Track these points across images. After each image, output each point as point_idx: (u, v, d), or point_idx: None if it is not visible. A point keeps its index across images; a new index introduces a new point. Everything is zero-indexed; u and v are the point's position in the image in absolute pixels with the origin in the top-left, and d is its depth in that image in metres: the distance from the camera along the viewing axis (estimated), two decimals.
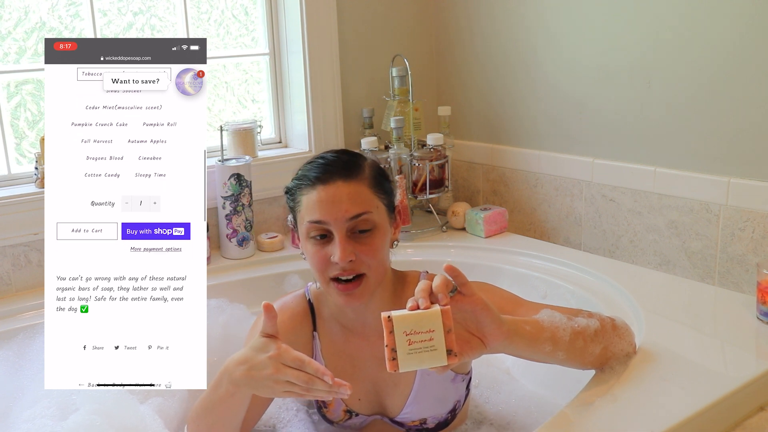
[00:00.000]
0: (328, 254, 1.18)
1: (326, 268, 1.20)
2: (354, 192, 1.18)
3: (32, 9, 1.81)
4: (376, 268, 1.21)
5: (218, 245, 1.98)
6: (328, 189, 1.18)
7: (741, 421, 1.21)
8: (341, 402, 1.34)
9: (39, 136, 1.82)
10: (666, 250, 1.79)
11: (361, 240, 1.19)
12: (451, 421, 1.35)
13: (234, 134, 2.02)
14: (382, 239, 1.21)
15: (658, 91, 1.76)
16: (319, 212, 1.18)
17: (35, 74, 1.84)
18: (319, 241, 1.20)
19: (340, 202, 1.17)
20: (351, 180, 1.19)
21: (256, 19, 2.16)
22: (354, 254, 1.18)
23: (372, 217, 1.19)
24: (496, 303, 1.24)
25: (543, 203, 2.09)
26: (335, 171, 1.19)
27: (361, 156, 1.27)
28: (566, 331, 1.13)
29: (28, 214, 1.71)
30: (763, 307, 1.42)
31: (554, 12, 1.97)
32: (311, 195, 1.19)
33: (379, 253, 1.21)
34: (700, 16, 1.65)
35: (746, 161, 1.61)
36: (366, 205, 1.19)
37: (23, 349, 1.52)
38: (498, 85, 2.18)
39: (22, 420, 1.28)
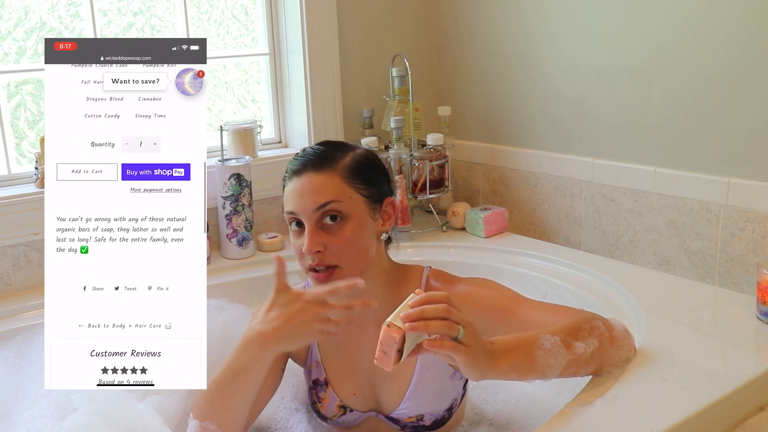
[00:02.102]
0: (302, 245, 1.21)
1: (302, 259, 1.23)
2: (322, 183, 1.20)
3: (32, 9, 1.81)
4: (349, 259, 1.21)
5: (218, 245, 1.98)
6: (299, 180, 1.22)
7: (741, 421, 1.21)
8: (335, 397, 1.34)
9: (39, 136, 1.82)
10: (666, 250, 1.79)
11: (331, 230, 1.21)
12: (448, 419, 1.34)
13: (234, 134, 2.02)
14: (356, 230, 1.21)
15: (658, 91, 1.76)
16: (291, 203, 1.22)
17: (35, 74, 1.84)
18: (296, 230, 1.24)
19: (309, 193, 1.20)
20: (321, 171, 1.21)
21: (256, 19, 2.16)
22: (322, 245, 1.19)
23: (341, 206, 1.20)
24: (497, 301, 1.25)
25: (543, 203, 2.09)
26: (308, 163, 1.23)
27: (344, 147, 1.27)
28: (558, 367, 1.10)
29: (28, 214, 1.71)
30: (763, 307, 1.42)
31: (554, 12, 1.97)
32: (288, 186, 1.24)
33: (352, 245, 1.21)
34: (700, 16, 1.65)
35: (746, 161, 1.61)
36: (334, 195, 1.20)
37: (23, 350, 1.52)
38: (498, 85, 2.18)
39: (22, 420, 1.28)
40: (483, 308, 1.25)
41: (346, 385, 1.34)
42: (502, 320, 1.24)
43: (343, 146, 1.28)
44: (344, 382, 1.34)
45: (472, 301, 1.25)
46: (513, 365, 1.06)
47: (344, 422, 1.37)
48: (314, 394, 1.36)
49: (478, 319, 1.24)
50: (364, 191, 1.24)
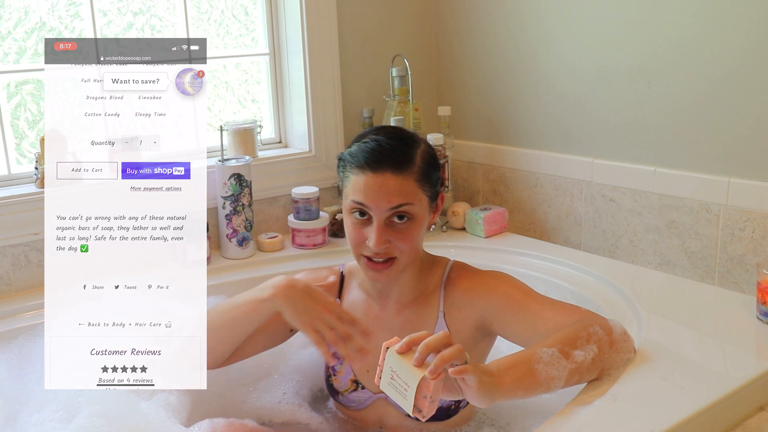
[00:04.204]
0: (365, 236, 1.25)
1: (360, 246, 1.27)
2: (400, 185, 1.23)
3: (32, 9, 1.81)
4: (408, 252, 1.27)
5: (218, 245, 1.98)
6: (376, 178, 1.23)
7: (741, 421, 1.21)
8: (350, 371, 1.38)
9: (39, 136, 1.82)
10: (666, 250, 1.79)
11: (398, 227, 1.25)
12: (454, 413, 1.35)
13: (234, 134, 2.02)
14: (418, 228, 1.27)
15: (658, 91, 1.76)
16: (363, 195, 1.23)
17: (35, 74, 1.84)
18: (358, 220, 1.26)
19: (386, 193, 1.22)
20: (399, 173, 1.23)
21: (256, 19, 2.16)
22: (389, 242, 1.24)
23: (413, 209, 1.24)
24: (509, 292, 1.30)
25: (543, 203, 2.09)
26: (386, 161, 1.23)
27: (415, 142, 1.29)
28: (561, 377, 1.12)
29: (28, 214, 1.71)
30: (763, 307, 1.42)
31: (554, 12, 1.97)
32: (359, 177, 1.24)
33: (413, 242, 1.27)
34: (700, 17, 1.65)
35: (746, 161, 1.61)
36: (409, 197, 1.24)
37: (25, 352, 1.51)
38: (498, 85, 2.18)
39: (31, 424, 1.27)
40: (494, 296, 1.30)
41: (361, 361, 1.35)
42: (511, 309, 1.28)
43: (412, 141, 1.30)
44: (360, 359, 1.36)
45: (485, 289, 1.31)
46: (516, 381, 1.08)
47: (354, 400, 1.39)
48: (330, 368, 1.41)
49: (488, 306, 1.30)
50: (428, 192, 1.28)
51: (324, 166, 2.17)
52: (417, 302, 1.36)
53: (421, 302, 1.36)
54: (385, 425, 1.39)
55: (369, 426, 1.40)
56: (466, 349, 1.25)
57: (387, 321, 1.37)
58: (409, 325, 1.34)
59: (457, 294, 1.34)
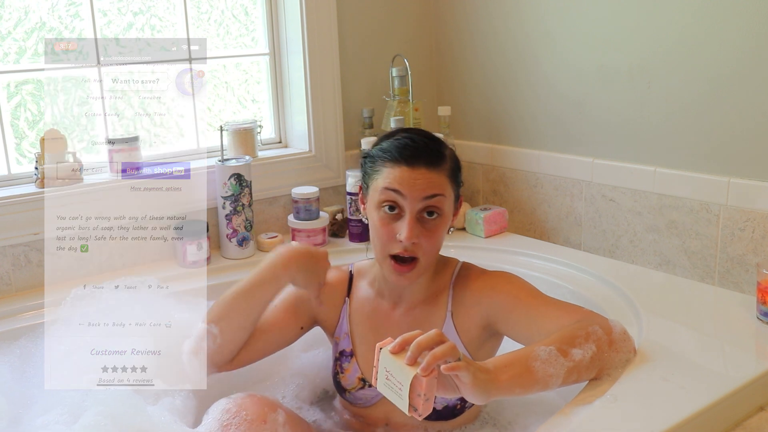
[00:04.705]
0: (394, 231, 1.26)
1: (388, 244, 1.27)
2: (435, 178, 1.26)
3: (32, 9, 1.81)
4: (431, 253, 1.29)
5: (218, 245, 1.98)
6: (412, 171, 1.25)
7: (741, 421, 1.21)
8: (358, 369, 1.39)
9: (39, 136, 1.81)
10: (666, 250, 1.79)
11: (428, 225, 1.26)
12: (460, 412, 1.35)
13: (234, 134, 2.02)
14: (444, 227, 1.30)
15: (658, 91, 1.76)
16: (399, 183, 1.24)
17: (35, 74, 1.84)
18: (388, 214, 1.26)
19: (423, 184, 1.24)
20: (434, 169, 1.26)
21: (256, 19, 2.16)
22: (418, 237, 1.25)
23: (443, 203, 1.27)
24: (513, 291, 1.31)
25: (543, 203, 2.09)
26: (422, 156, 1.26)
27: (444, 145, 1.32)
28: (558, 375, 1.13)
29: (28, 214, 1.70)
30: (763, 307, 1.42)
31: (554, 12, 1.97)
32: (395, 169, 1.26)
33: (437, 242, 1.30)
34: (700, 17, 1.65)
35: (746, 161, 1.61)
36: (442, 189, 1.26)
37: (27, 354, 1.51)
38: (498, 85, 2.18)
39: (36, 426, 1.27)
40: (500, 296, 1.31)
41: (369, 359, 1.38)
42: (516, 309, 1.29)
43: (440, 142, 1.32)
44: (368, 356, 1.39)
45: (491, 287, 1.33)
46: (512, 378, 1.09)
47: (361, 397, 1.40)
48: (338, 365, 1.41)
49: (494, 305, 1.31)
50: (455, 191, 1.32)
51: (324, 166, 2.17)
52: (426, 302, 1.37)
53: (430, 302, 1.37)
54: (391, 423, 1.39)
55: (376, 423, 1.40)
56: (473, 348, 1.27)
57: (396, 320, 1.38)
58: (418, 324, 1.34)
59: (464, 294, 1.35)
